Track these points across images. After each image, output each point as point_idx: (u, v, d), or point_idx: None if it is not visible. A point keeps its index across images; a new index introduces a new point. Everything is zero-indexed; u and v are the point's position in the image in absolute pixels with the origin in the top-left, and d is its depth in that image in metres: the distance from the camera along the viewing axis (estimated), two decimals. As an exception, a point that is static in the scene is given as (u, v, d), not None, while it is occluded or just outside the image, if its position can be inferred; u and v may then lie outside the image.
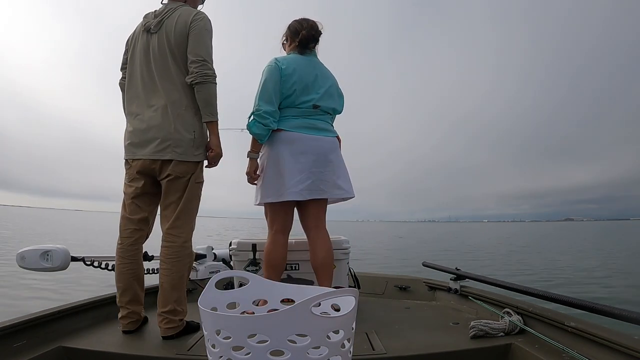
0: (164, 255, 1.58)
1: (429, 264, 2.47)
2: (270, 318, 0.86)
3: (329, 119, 1.91)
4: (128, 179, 1.66)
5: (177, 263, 1.56)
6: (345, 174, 1.88)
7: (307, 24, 1.89)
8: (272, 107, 1.76)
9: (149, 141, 1.58)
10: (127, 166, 1.66)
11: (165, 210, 1.63)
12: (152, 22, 1.64)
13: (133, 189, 1.64)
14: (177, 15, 1.62)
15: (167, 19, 1.62)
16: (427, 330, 1.61)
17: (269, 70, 1.79)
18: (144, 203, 1.66)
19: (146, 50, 1.64)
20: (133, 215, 1.65)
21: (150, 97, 1.61)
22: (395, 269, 7.65)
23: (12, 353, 1.29)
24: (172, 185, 1.59)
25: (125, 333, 1.59)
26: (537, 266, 8.91)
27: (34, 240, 12.90)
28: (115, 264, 1.66)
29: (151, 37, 1.63)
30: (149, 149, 1.58)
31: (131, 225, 1.64)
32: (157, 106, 1.59)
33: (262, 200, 1.82)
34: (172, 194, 1.60)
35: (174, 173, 1.57)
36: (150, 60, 1.62)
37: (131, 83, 1.68)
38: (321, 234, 1.84)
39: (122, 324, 1.61)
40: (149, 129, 1.58)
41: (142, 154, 1.59)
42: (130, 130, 1.64)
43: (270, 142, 1.81)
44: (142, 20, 1.71)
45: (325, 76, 1.89)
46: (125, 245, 1.63)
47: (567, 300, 1.39)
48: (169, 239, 1.58)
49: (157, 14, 1.66)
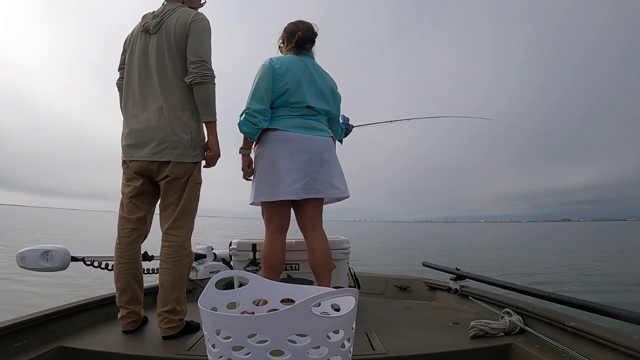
0: (164, 255, 1.58)
1: (429, 264, 2.47)
2: (270, 318, 0.86)
3: (323, 119, 1.91)
4: (126, 179, 1.66)
5: (176, 263, 1.56)
6: (340, 173, 1.88)
7: (303, 26, 1.90)
8: (263, 105, 1.76)
9: (146, 142, 1.58)
10: (125, 166, 1.66)
11: (164, 211, 1.63)
12: (151, 23, 1.63)
13: (131, 189, 1.64)
14: (176, 16, 1.62)
15: (167, 19, 1.62)
16: (427, 330, 1.61)
17: (263, 69, 1.80)
18: (141, 202, 1.66)
19: (144, 51, 1.64)
20: (131, 215, 1.64)
21: (148, 98, 1.61)
22: (395, 268, 7.65)
23: (12, 353, 1.29)
24: (171, 186, 1.59)
25: (125, 333, 1.59)
26: (553, 266, 8.87)
27: (23, 239, 12.83)
28: (113, 263, 1.66)
29: (150, 37, 1.63)
30: (146, 151, 1.58)
31: (129, 225, 1.64)
32: (154, 107, 1.58)
33: (256, 198, 1.82)
34: (171, 194, 1.60)
35: (172, 174, 1.57)
36: (149, 61, 1.62)
37: (129, 84, 1.68)
38: (318, 234, 1.83)
39: (121, 324, 1.61)
40: (146, 130, 1.58)
41: (139, 156, 1.59)
42: (127, 131, 1.63)
43: (266, 141, 1.81)
44: (140, 20, 1.70)
45: (320, 77, 1.89)
46: (124, 244, 1.63)
47: (567, 300, 1.39)
48: (169, 239, 1.59)
49: (156, 14, 1.66)
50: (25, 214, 62.53)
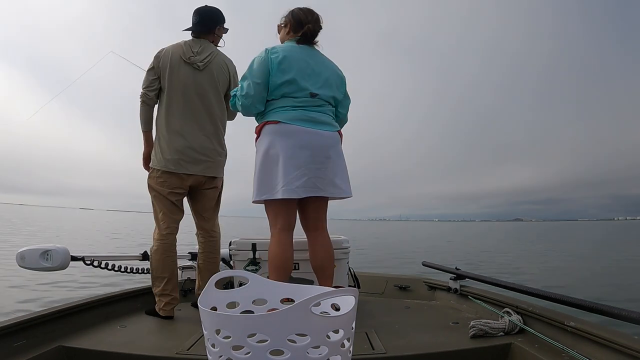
0: (211, 247, 2.08)
1: (429, 264, 2.47)
2: (270, 317, 0.86)
3: (329, 110, 1.79)
4: (170, 186, 1.94)
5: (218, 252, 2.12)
6: (344, 172, 1.78)
7: (313, 17, 1.78)
8: (251, 91, 1.70)
9: (200, 161, 1.96)
10: (168, 175, 1.93)
11: (205, 213, 2.09)
12: (196, 59, 1.96)
13: (175, 194, 1.95)
14: (219, 61, 2.04)
15: (213, 61, 2.00)
16: (426, 329, 1.61)
17: (258, 60, 1.72)
18: (181, 205, 2.00)
19: (196, 83, 1.97)
20: (174, 215, 1.95)
21: (200, 124, 1.97)
22: (394, 268, 7.64)
23: (12, 352, 1.29)
24: (213, 194, 2.08)
25: (166, 319, 1.82)
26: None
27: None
28: (156, 257, 1.89)
29: (198, 73, 1.97)
30: (201, 167, 1.96)
31: (172, 224, 1.94)
32: (207, 132, 1.98)
33: (257, 197, 1.73)
34: (211, 200, 2.09)
35: (214, 185, 2.06)
36: (201, 93, 1.97)
37: (176, 106, 1.97)
38: (322, 235, 1.77)
39: (164, 310, 1.83)
40: (201, 150, 1.96)
41: (195, 170, 1.95)
42: (178, 147, 1.92)
43: (266, 135, 1.71)
44: (175, 48, 1.98)
45: (324, 64, 1.80)
46: (169, 240, 1.92)
47: (567, 300, 1.39)
48: (214, 235, 2.08)
49: (199, 52, 1.98)
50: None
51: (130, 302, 2.01)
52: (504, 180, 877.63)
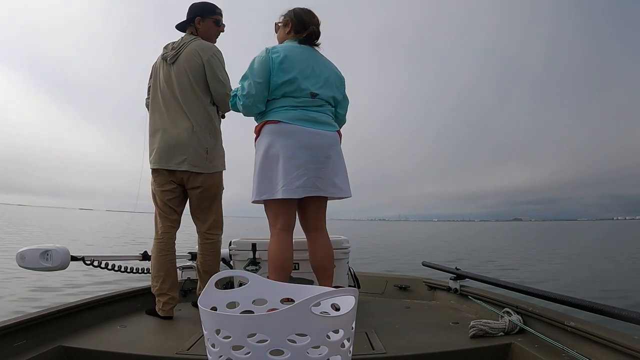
0: (209, 248, 2.03)
1: (429, 264, 2.47)
2: (270, 317, 0.86)
3: (328, 110, 1.79)
4: (158, 184, 1.94)
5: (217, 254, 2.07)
6: (343, 172, 1.78)
7: (316, 20, 1.79)
8: (252, 90, 1.69)
9: (176, 155, 1.89)
10: (156, 174, 1.94)
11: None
12: (169, 54, 1.94)
13: (167, 193, 1.94)
14: (189, 51, 1.93)
15: (182, 52, 1.93)
16: (426, 329, 1.61)
17: (259, 60, 1.71)
18: (176, 205, 1.99)
19: (168, 78, 1.94)
20: (169, 215, 1.96)
21: (176, 118, 1.92)
22: (394, 268, 7.64)
23: (12, 352, 1.29)
24: (204, 194, 1.98)
25: (166, 319, 1.81)
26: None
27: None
28: (153, 257, 1.91)
29: (171, 67, 1.94)
30: (177, 161, 1.89)
31: (168, 223, 1.95)
32: (182, 126, 1.90)
33: (257, 197, 1.73)
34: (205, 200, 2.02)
35: (204, 185, 1.95)
36: (173, 87, 1.93)
37: (155, 105, 1.97)
38: (321, 236, 1.77)
39: (163, 310, 1.83)
40: (177, 145, 1.89)
41: (174, 166, 1.90)
42: (159, 144, 1.91)
43: (266, 134, 1.71)
44: (162, 50, 2.01)
45: (324, 64, 1.79)
46: (165, 239, 1.93)
47: (567, 300, 1.39)
48: (209, 237, 2.03)
49: (175, 46, 1.95)
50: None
51: (130, 302, 2.01)
52: (504, 180, 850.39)
